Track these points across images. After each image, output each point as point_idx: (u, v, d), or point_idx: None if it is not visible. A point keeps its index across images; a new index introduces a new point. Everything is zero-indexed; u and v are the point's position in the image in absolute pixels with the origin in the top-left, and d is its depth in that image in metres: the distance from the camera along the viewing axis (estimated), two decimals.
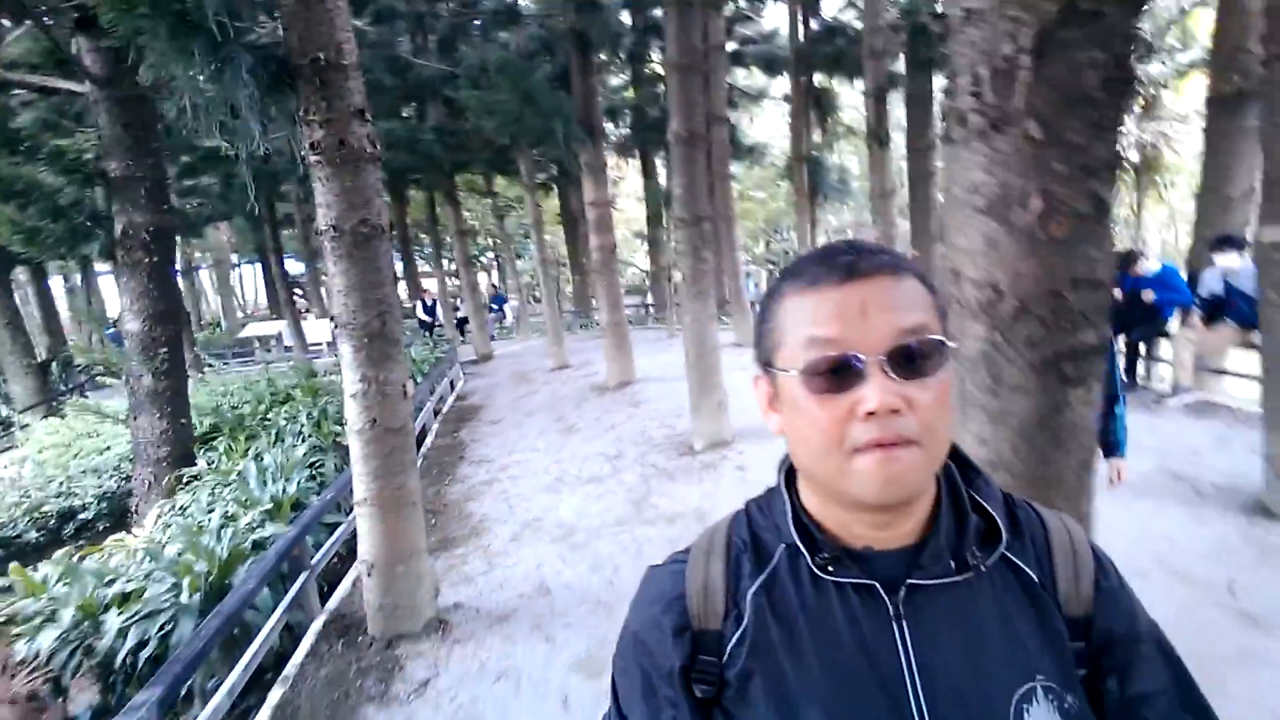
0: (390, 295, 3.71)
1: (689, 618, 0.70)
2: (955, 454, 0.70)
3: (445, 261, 22.25)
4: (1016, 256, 1.32)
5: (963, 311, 1.43)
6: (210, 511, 5.36)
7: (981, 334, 1.41)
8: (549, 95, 8.85)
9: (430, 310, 17.94)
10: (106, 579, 4.50)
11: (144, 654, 4.03)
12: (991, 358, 1.41)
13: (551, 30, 9.68)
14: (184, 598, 4.26)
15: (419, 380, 9.80)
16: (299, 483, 5.84)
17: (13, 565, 4.81)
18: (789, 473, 0.74)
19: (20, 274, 18.28)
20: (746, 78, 16.55)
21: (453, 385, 11.65)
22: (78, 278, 22.96)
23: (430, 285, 22.36)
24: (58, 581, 4.57)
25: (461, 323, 17.91)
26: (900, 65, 10.68)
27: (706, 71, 8.70)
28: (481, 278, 29.07)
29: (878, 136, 8.79)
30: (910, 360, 0.61)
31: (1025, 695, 0.63)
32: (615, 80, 16.73)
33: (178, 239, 10.89)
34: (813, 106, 12.60)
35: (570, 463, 6.85)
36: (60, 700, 4.11)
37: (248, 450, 7.16)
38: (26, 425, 12.51)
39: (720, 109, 11.26)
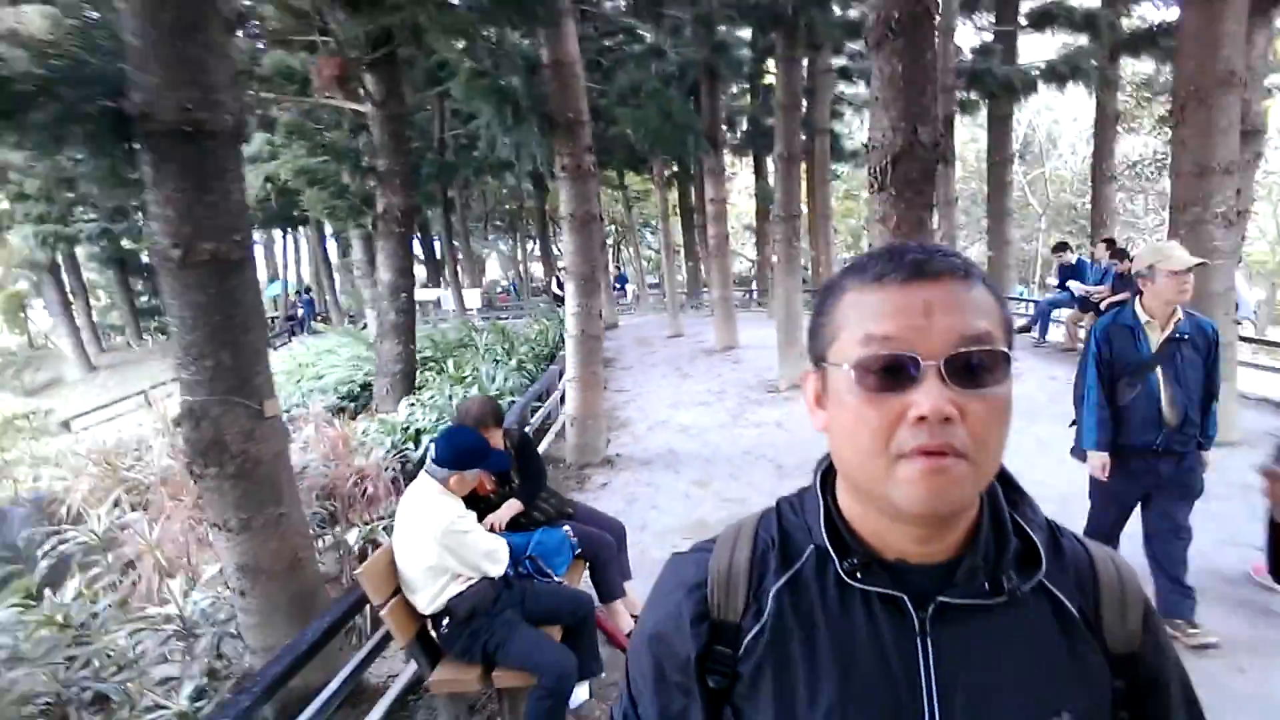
0: (596, 255, 6.22)
1: (708, 607, 0.70)
2: (1002, 475, 0.68)
3: None
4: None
5: None
6: (450, 398, 8.14)
7: None
8: (684, 113, 11.18)
9: (562, 286, 20.95)
10: (402, 425, 7.31)
11: None
12: None
13: (687, 59, 12.02)
14: None
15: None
16: (512, 379, 8.64)
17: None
18: (825, 474, 0.73)
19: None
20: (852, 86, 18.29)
21: None
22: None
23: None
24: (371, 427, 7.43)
25: None
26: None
27: (805, 107, 10.81)
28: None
29: (944, 156, 10.61)
30: (969, 369, 0.58)
31: None
32: (734, 89, 18.94)
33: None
34: None
35: (686, 394, 9.26)
36: None
37: (461, 367, 10.03)
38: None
39: (824, 122, 13.27)
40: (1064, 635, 0.65)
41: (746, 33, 13.61)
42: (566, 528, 3.34)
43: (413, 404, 8.58)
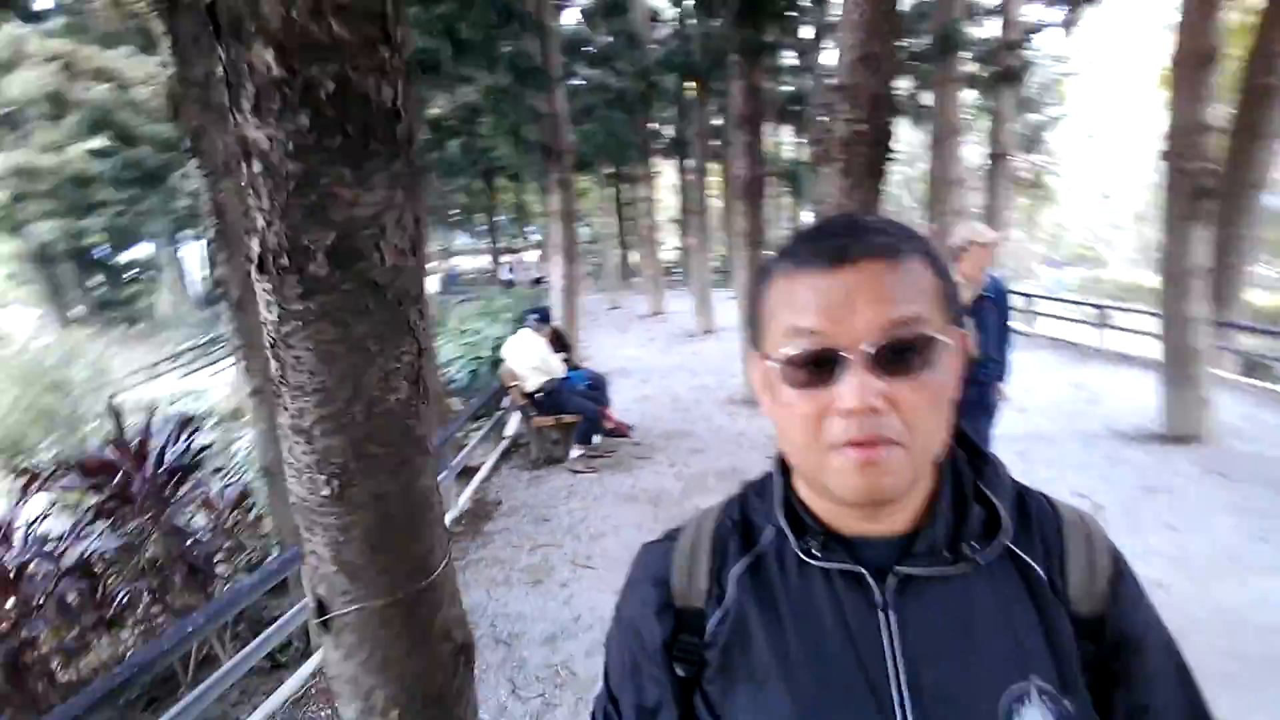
0: (574, 239, 9.45)
1: (672, 595, 0.71)
2: (965, 441, 0.69)
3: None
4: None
5: None
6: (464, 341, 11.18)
7: None
8: (624, 131, 14.52)
9: (512, 270, 24.09)
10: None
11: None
12: None
13: (626, 88, 15.32)
14: None
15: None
16: (503, 329, 11.82)
17: None
18: (784, 457, 0.71)
19: None
20: None
21: None
22: None
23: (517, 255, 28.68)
24: None
25: (536, 280, 23.93)
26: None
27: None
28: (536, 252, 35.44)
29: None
30: (898, 356, 0.57)
31: (1018, 695, 0.60)
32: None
33: None
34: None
35: (629, 341, 12.62)
36: None
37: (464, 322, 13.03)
38: None
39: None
40: (1031, 600, 0.63)
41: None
42: (584, 370, 6.66)
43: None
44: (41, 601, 2.76)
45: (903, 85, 15.53)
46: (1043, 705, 0.59)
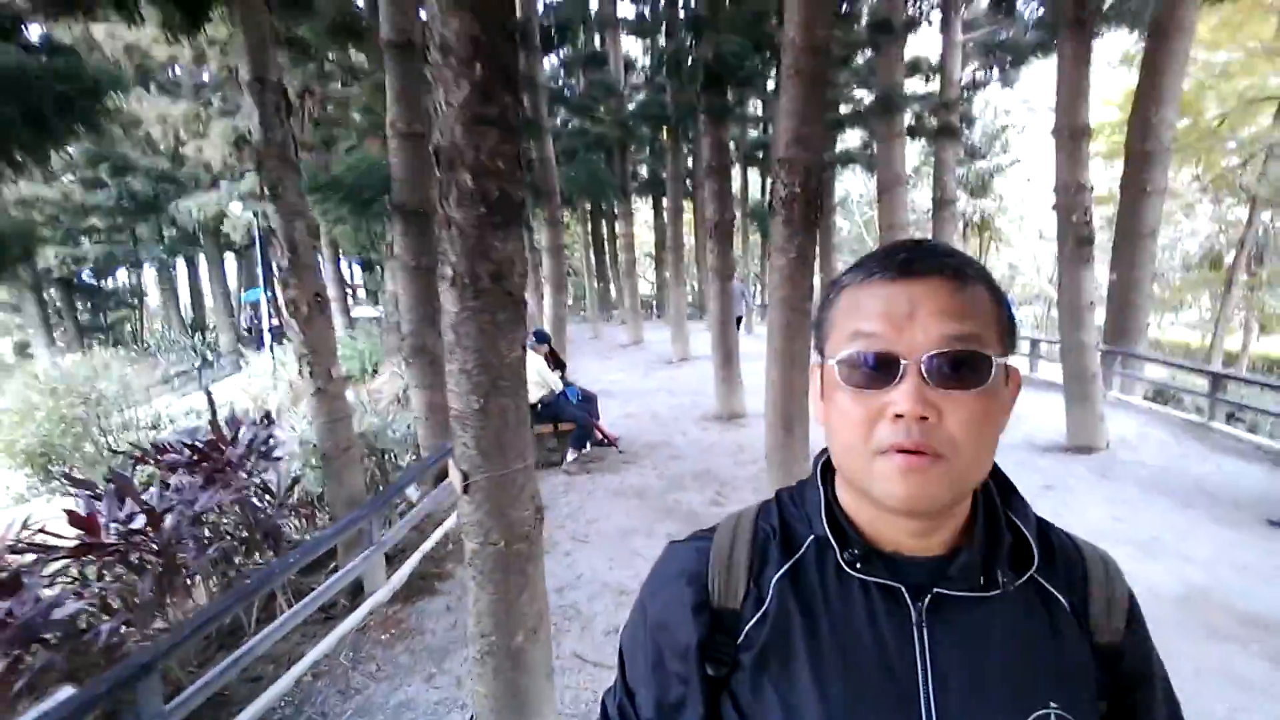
0: (562, 271, 10.46)
1: (709, 595, 0.71)
2: (995, 473, 0.70)
3: None
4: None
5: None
6: None
7: None
8: (604, 172, 15.70)
9: None
10: None
11: None
12: None
13: (606, 133, 16.54)
14: None
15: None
16: None
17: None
18: (825, 466, 0.74)
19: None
20: None
21: None
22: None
23: None
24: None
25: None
26: None
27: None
28: None
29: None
30: (952, 369, 0.59)
31: None
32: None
33: None
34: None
35: (612, 367, 13.56)
36: None
37: None
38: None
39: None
40: (1054, 628, 0.66)
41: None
42: (574, 387, 7.59)
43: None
44: (176, 539, 3.62)
45: (855, 137, 17.03)
46: None
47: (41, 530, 3.72)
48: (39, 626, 3.08)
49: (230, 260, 29.76)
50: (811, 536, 0.71)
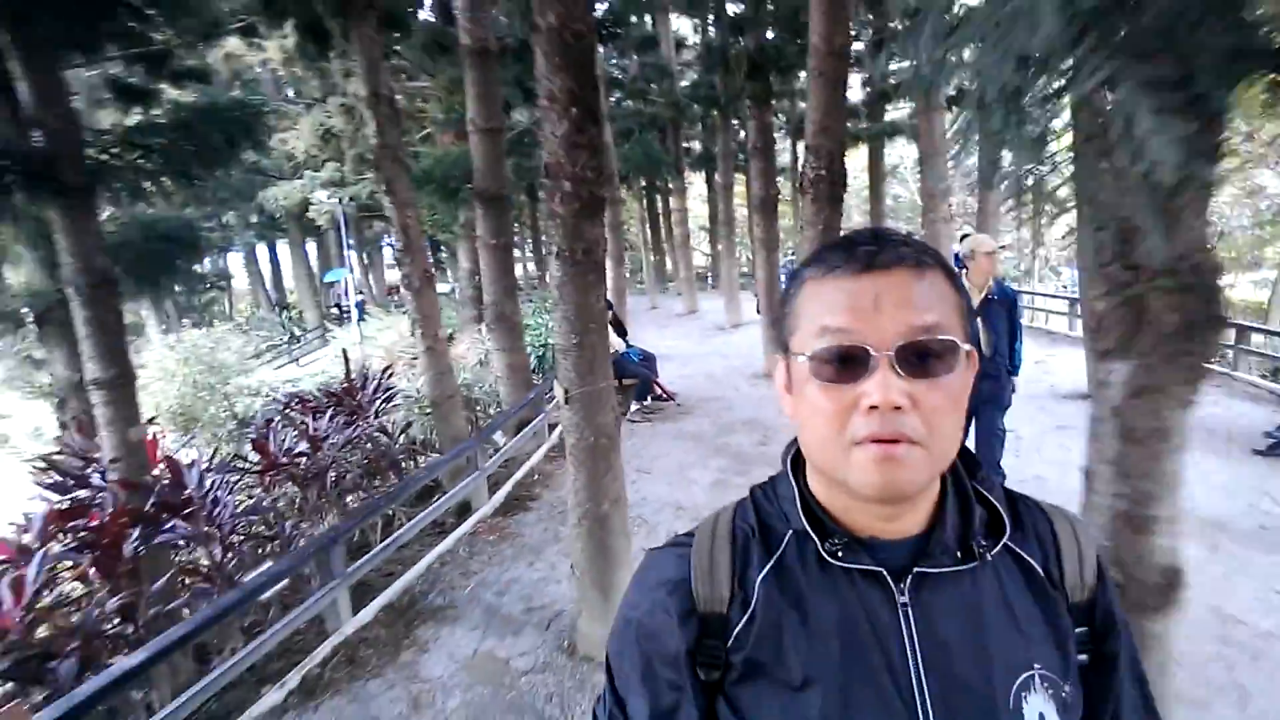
0: (620, 245, 11.38)
1: (694, 601, 0.71)
2: (959, 449, 0.71)
3: None
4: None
5: None
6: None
7: None
8: (659, 150, 16.48)
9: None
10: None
11: None
12: None
13: (659, 113, 17.27)
14: None
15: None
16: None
17: None
18: (795, 459, 0.76)
19: None
20: None
21: None
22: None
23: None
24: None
25: None
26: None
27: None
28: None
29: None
30: (920, 358, 0.61)
31: (1024, 683, 0.65)
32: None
33: None
34: None
35: (669, 335, 14.48)
36: None
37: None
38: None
39: None
40: (1031, 592, 0.69)
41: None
42: (636, 348, 8.54)
43: None
44: (330, 461, 4.78)
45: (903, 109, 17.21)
46: (1045, 693, 0.65)
47: (236, 456, 4.94)
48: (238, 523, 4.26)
49: (310, 244, 31.87)
50: (790, 531, 0.72)
